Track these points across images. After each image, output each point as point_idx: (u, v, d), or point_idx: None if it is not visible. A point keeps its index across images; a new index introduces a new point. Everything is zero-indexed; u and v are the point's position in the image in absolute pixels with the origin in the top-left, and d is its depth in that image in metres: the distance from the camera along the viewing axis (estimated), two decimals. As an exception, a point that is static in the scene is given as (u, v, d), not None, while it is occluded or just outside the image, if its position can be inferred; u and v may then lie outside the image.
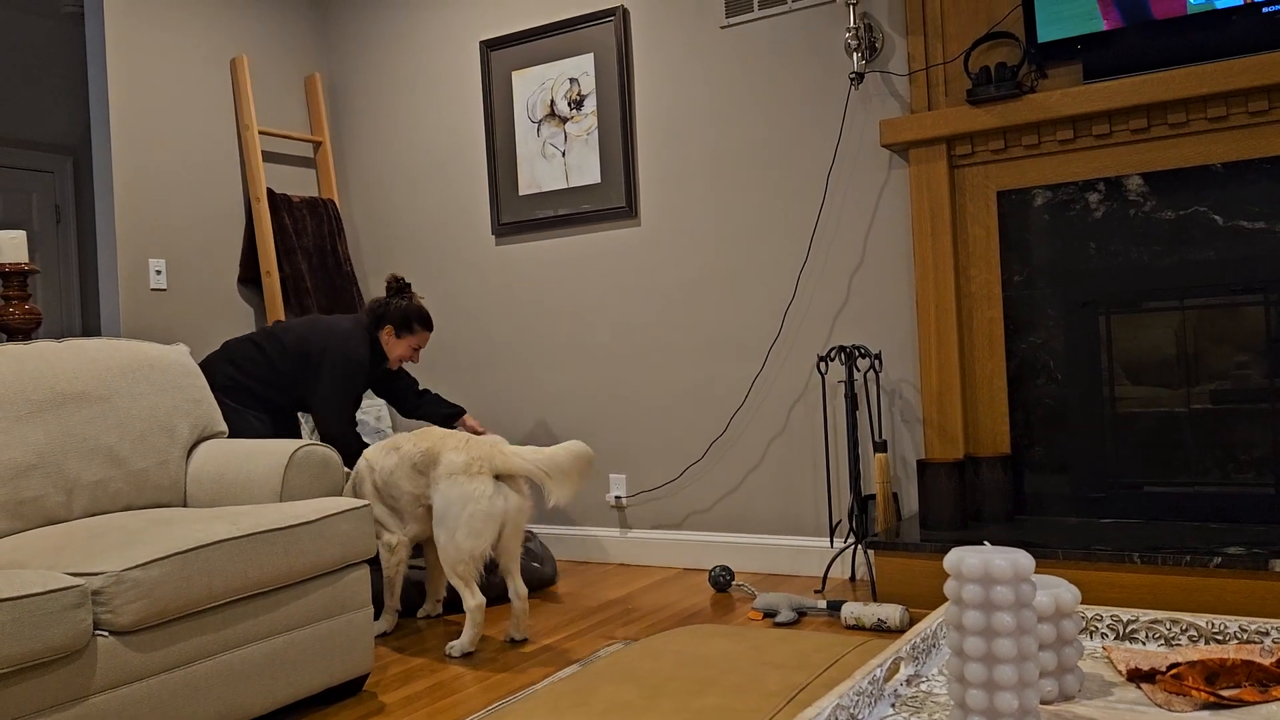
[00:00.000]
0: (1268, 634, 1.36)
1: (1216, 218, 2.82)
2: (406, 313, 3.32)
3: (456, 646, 2.74)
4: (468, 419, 3.53)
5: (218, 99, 4.07)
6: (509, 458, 2.73)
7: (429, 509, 2.87)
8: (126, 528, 2.17)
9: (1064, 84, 2.99)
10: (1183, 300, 2.87)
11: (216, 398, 3.21)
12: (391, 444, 2.91)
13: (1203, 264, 2.83)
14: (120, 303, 3.69)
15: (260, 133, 4.13)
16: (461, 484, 2.69)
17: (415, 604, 3.22)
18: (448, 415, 3.51)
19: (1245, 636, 1.38)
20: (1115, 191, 2.94)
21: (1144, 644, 1.43)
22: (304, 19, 4.46)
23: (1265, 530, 2.68)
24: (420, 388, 3.57)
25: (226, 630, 2.12)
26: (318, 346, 3.25)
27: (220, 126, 4.07)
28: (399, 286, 3.36)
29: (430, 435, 2.85)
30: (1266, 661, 1.24)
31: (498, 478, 2.73)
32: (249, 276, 4.10)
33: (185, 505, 2.65)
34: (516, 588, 2.83)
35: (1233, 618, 1.40)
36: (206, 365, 3.32)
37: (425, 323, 3.37)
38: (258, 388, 3.26)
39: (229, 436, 3.09)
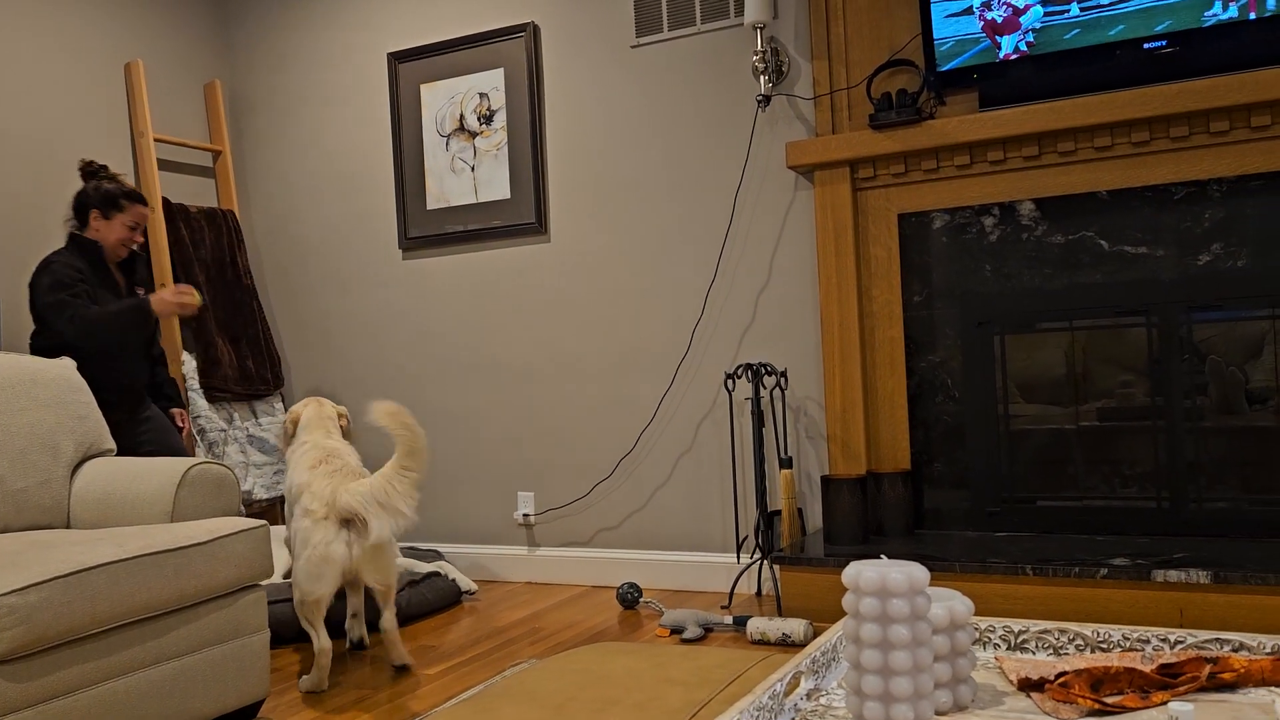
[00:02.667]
0: (1149, 642, 1.42)
1: (1103, 243, 2.95)
2: (110, 192, 3.12)
3: (304, 682, 2.62)
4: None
5: (111, 104, 3.93)
6: (343, 496, 2.55)
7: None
8: (3, 550, 2.06)
9: (961, 111, 3.09)
10: (1072, 321, 2.99)
11: None
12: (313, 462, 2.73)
13: (1090, 287, 2.95)
14: (1, 316, 3.51)
15: (156, 140, 4.00)
16: (305, 526, 2.57)
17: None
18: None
19: (1128, 645, 1.43)
20: (1009, 216, 3.05)
21: (1034, 653, 1.47)
22: (204, 24, 4.35)
23: (1149, 542, 2.80)
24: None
25: (111, 657, 2.03)
26: (31, 283, 3.05)
27: (113, 133, 3.93)
28: (94, 169, 3.16)
29: (321, 464, 2.68)
30: (1147, 669, 1.29)
31: (348, 522, 2.56)
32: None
33: (69, 527, 2.53)
34: (383, 621, 2.70)
35: (1116, 627, 1.45)
36: None
37: (132, 197, 3.15)
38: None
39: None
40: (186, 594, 2.16)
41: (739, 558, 3.46)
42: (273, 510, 4.18)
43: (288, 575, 3.20)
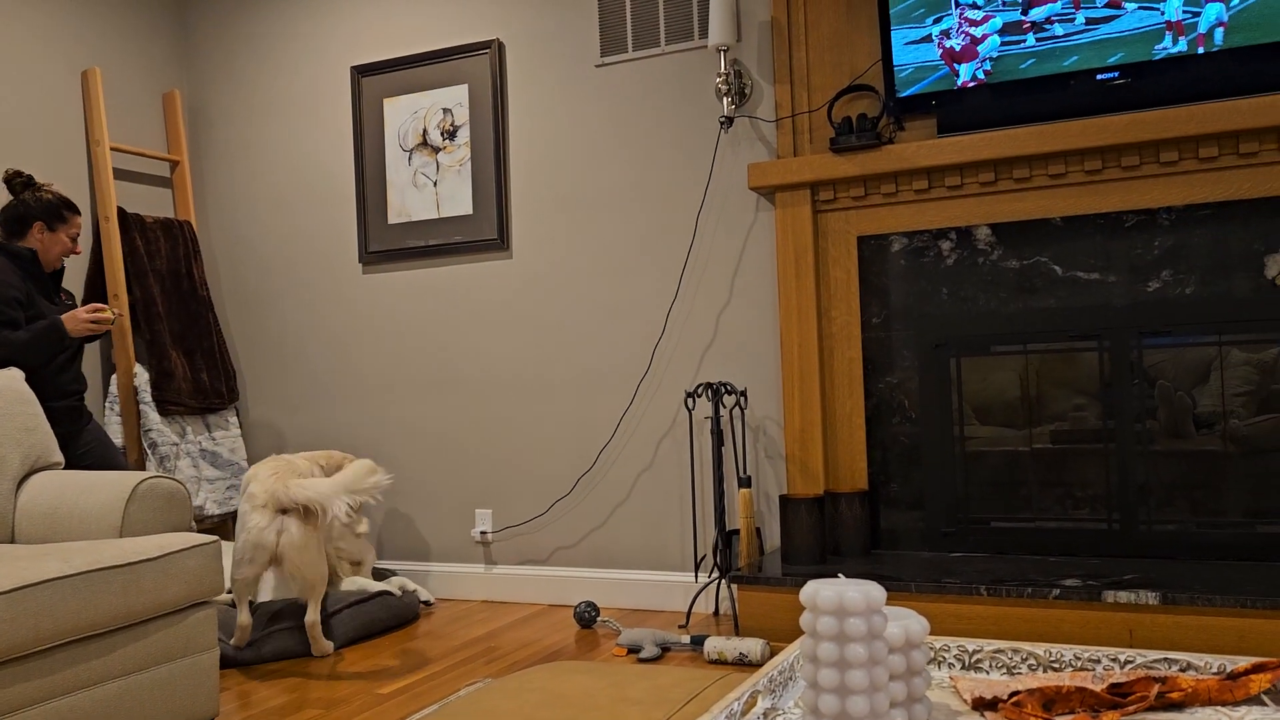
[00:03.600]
0: (1099, 661, 1.44)
1: (1056, 268, 3.01)
2: (53, 203, 3.12)
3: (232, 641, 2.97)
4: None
5: (66, 112, 3.87)
6: (290, 489, 2.89)
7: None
8: (-56, 566, 2.01)
9: (920, 137, 3.14)
10: (1026, 345, 3.04)
11: None
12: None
13: (1044, 311, 3.00)
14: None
15: (112, 149, 3.95)
16: (246, 512, 2.92)
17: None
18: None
19: (1079, 664, 1.45)
20: (966, 240, 3.10)
21: (988, 673, 1.49)
22: (164, 33, 4.30)
23: (1099, 563, 2.84)
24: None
25: (56, 675, 1.98)
26: None
27: (68, 141, 3.87)
28: (25, 180, 3.14)
29: (266, 465, 3.04)
30: (1098, 688, 1.31)
31: (285, 511, 2.91)
32: (95, 300, 3.89)
33: (14, 541, 2.47)
34: (307, 616, 2.98)
35: (1068, 646, 1.47)
36: None
37: (73, 207, 3.18)
38: None
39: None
40: (135, 611, 2.12)
41: (697, 577, 3.46)
42: (225, 526, 4.11)
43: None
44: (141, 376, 3.85)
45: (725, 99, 3.34)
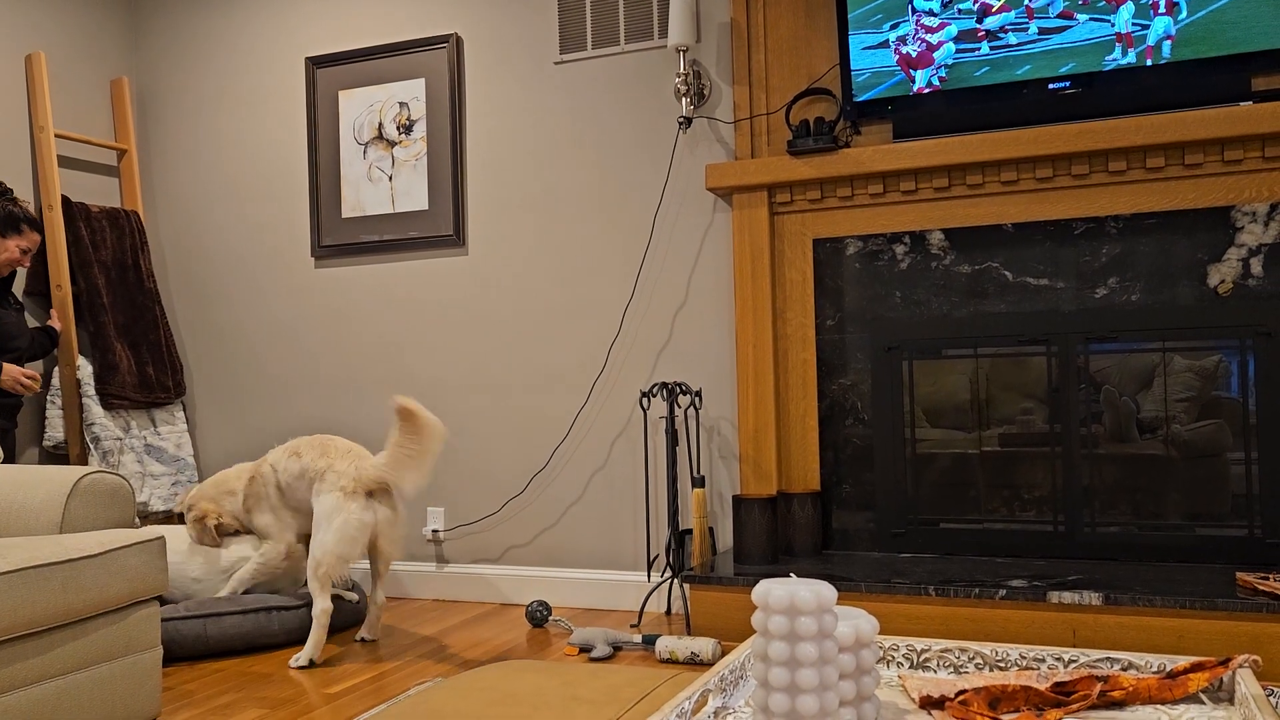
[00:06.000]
0: (1044, 661, 1.46)
1: (1007, 274, 3.05)
2: (11, 213, 3.26)
3: (302, 656, 2.89)
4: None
5: (9, 97, 3.77)
6: (368, 470, 2.96)
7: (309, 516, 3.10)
8: (-126, 562, 1.95)
9: (876, 141, 3.17)
10: (976, 349, 3.08)
11: None
12: (293, 449, 3.09)
13: (994, 316, 3.05)
14: (-119, 312, 3.33)
15: (57, 136, 3.85)
16: (337, 499, 2.94)
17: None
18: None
19: (1025, 663, 1.47)
20: (919, 245, 3.14)
21: (935, 672, 1.51)
22: (112, 18, 4.21)
23: (1045, 564, 2.89)
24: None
25: (-11, 675, 1.92)
26: None
27: (11, 127, 3.77)
28: (0, 189, 3.30)
29: (329, 451, 3.03)
30: (1042, 687, 1.33)
31: (370, 493, 2.98)
32: (37, 289, 3.79)
33: (-52, 537, 2.40)
34: (376, 594, 3.10)
35: (1014, 646, 1.50)
36: None
37: (33, 224, 3.31)
38: None
39: None
40: (74, 609, 2.07)
41: (649, 576, 3.47)
42: (170, 522, 4.03)
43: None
44: (85, 369, 3.77)
45: (684, 99, 3.35)
